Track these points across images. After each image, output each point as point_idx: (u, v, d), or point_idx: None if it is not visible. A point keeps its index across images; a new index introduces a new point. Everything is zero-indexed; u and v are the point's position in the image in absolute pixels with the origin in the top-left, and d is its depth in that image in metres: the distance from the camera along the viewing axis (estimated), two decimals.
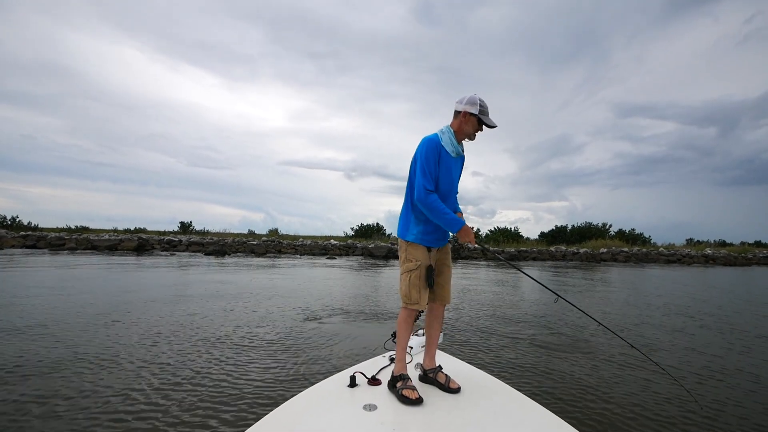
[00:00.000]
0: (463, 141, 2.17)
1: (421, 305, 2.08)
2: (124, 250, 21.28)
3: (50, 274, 9.79)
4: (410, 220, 2.13)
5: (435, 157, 2.04)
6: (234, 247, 23.56)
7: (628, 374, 3.50)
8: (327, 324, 5.19)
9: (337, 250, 24.56)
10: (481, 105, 2.05)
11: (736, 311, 6.99)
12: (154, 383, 3.03)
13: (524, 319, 5.82)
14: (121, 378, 3.12)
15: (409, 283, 2.06)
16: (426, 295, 2.08)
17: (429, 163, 2.02)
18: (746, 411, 2.80)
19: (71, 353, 3.68)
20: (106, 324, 4.80)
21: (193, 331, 4.60)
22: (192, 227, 32.08)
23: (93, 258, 15.70)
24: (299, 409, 1.78)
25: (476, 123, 2.06)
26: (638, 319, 5.99)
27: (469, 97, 2.06)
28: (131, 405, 2.66)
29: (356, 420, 1.69)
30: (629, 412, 2.72)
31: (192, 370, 3.34)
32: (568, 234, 32.35)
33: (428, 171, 2.02)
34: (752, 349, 4.44)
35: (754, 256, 25.76)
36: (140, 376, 3.17)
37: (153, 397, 2.80)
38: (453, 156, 2.11)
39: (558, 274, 13.99)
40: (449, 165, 2.10)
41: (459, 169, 2.22)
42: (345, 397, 1.92)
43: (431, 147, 2.04)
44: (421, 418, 1.76)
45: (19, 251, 18.78)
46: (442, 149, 2.07)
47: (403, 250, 2.14)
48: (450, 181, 2.13)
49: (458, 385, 2.03)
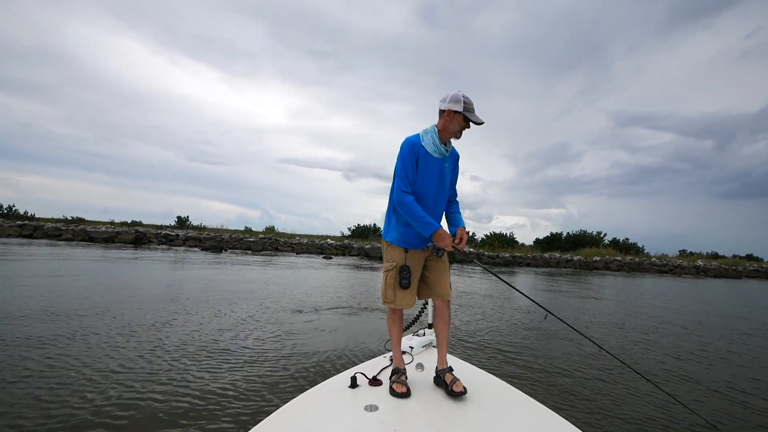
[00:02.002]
0: (452, 140, 2.10)
1: (396, 304, 2.11)
2: (122, 243, 21.30)
3: (51, 265, 9.85)
4: (392, 222, 2.15)
5: (412, 159, 2.02)
6: (231, 243, 23.62)
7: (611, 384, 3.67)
8: (327, 324, 5.31)
9: (333, 249, 24.67)
10: (466, 102, 1.97)
11: (704, 323, 7.21)
12: (150, 386, 2.98)
13: (524, 319, 6.00)
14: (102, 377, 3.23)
15: (386, 282, 2.12)
16: (403, 295, 2.11)
17: (405, 165, 2.02)
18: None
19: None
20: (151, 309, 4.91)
21: (188, 332, 4.65)
22: (189, 222, 32.08)
23: (93, 250, 15.72)
24: (300, 410, 1.78)
25: (462, 120, 1.99)
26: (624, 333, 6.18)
27: (452, 95, 1.99)
28: (125, 407, 2.66)
29: (357, 420, 1.69)
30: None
31: (190, 371, 3.32)
32: (562, 241, 32.66)
33: (404, 172, 2.02)
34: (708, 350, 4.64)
35: (744, 269, 26.15)
36: (137, 373, 3.26)
37: (148, 397, 2.78)
38: (436, 156, 2.05)
39: (551, 282, 14.20)
40: (431, 166, 2.05)
41: (446, 170, 2.12)
42: (346, 398, 1.92)
43: (408, 148, 2.02)
44: (424, 419, 1.75)
45: (15, 241, 18.75)
46: (422, 150, 2.03)
47: (384, 250, 2.20)
48: (433, 183, 2.08)
49: (462, 389, 1.93)
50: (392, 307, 2.17)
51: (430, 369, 2.32)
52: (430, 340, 2.79)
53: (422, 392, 2.04)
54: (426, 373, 2.30)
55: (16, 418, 2.39)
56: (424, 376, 2.27)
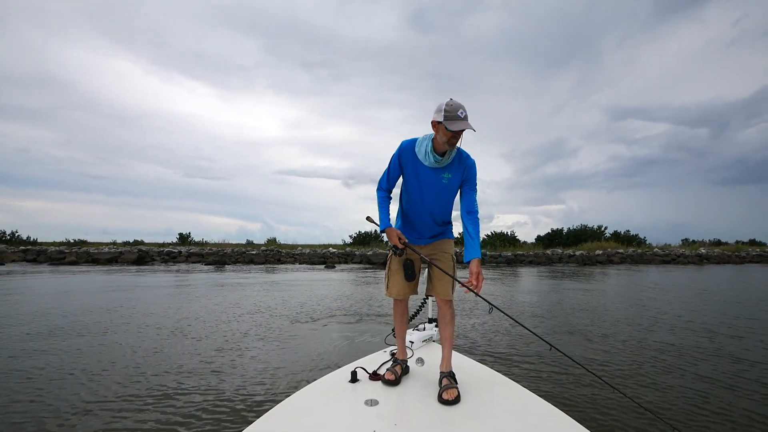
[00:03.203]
0: (450, 152, 1.99)
1: (390, 292, 2.21)
2: (124, 263, 21.39)
3: (63, 282, 9.93)
4: (398, 215, 2.29)
5: (396, 162, 2.11)
6: (233, 257, 23.67)
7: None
8: (327, 323, 5.39)
9: (335, 258, 24.69)
10: (446, 110, 1.86)
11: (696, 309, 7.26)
12: (152, 381, 3.12)
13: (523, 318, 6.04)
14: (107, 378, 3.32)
15: (387, 269, 2.25)
16: (396, 285, 2.18)
17: (390, 164, 2.14)
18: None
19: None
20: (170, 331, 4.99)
21: (193, 331, 4.78)
22: (191, 238, 32.16)
23: (97, 272, 15.80)
24: (301, 404, 1.79)
25: (445, 130, 1.87)
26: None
27: (438, 105, 1.92)
28: (118, 410, 2.74)
29: (358, 415, 1.70)
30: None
31: (192, 367, 3.43)
32: (564, 237, 32.64)
33: (387, 170, 2.15)
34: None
35: (747, 254, 26.12)
36: (143, 368, 3.36)
37: (151, 392, 2.90)
38: (427, 165, 2.02)
39: (551, 278, 14.23)
40: (423, 174, 2.05)
41: (444, 180, 2.04)
42: (346, 392, 1.93)
43: (397, 152, 2.10)
44: (424, 413, 1.76)
45: (19, 266, 18.86)
46: (414, 156, 2.05)
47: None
48: (421, 190, 2.07)
49: (452, 398, 1.84)
50: (389, 296, 2.24)
51: (430, 363, 2.34)
52: (431, 335, 2.80)
53: (422, 387, 2.03)
54: (426, 368, 2.31)
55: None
56: (424, 371, 2.27)
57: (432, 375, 2.15)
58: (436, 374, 2.09)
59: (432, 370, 2.19)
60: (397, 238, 2.06)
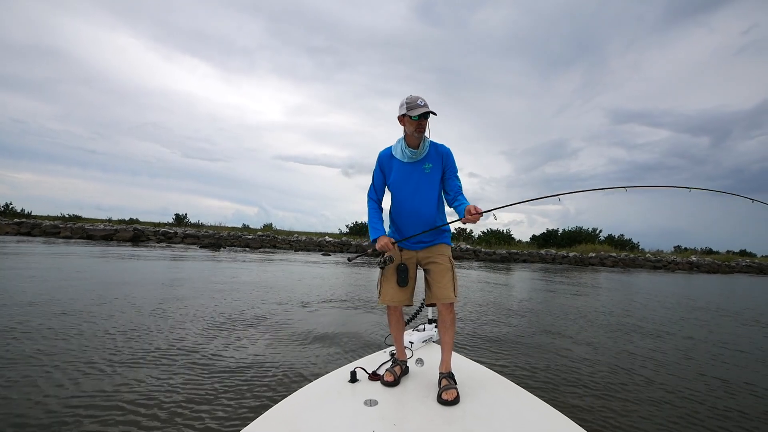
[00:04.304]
0: (423, 142, 2.11)
1: (383, 299, 2.19)
2: (120, 240, 21.34)
3: (58, 262, 9.93)
4: (389, 225, 2.30)
5: (378, 171, 2.21)
6: (229, 240, 23.71)
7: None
8: (327, 323, 5.44)
9: (331, 246, 24.79)
10: (408, 103, 2.01)
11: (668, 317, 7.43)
12: (152, 381, 2.99)
13: (521, 316, 6.17)
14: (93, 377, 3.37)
15: (379, 275, 2.24)
16: (389, 292, 2.17)
17: (373, 176, 2.24)
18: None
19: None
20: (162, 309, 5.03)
21: (188, 323, 4.75)
22: (187, 219, 32.11)
23: (94, 248, 15.77)
24: (300, 404, 1.79)
25: (410, 120, 2.01)
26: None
27: (400, 102, 2.06)
28: (99, 408, 2.63)
29: (357, 415, 1.70)
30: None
31: (188, 365, 3.33)
32: (559, 237, 32.96)
33: (372, 183, 2.25)
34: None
35: (737, 264, 26.55)
36: (142, 357, 3.36)
37: (145, 392, 2.77)
38: (406, 162, 2.13)
39: (545, 278, 14.42)
40: (407, 172, 2.15)
41: (426, 171, 2.14)
42: (346, 393, 1.92)
43: (377, 161, 2.22)
44: (423, 413, 1.75)
45: (14, 239, 18.76)
46: (393, 159, 2.16)
47: None
48: (409, 188, 2.15)
49: (452, 399, 1.87)
50: (381, 303, 2.20)
51: (430, 364, 2.35)
52: (431, 335, 2.82)
53: (422, 387, 2.05)
54: (426, 368, 2.32)
55: None
56: (423, 371, 2.29)
57: (431, 376, 2.15)
58: (435, 375, 2.10)
59: (431, 371, 2.20)
60: (390, 243, 2.09)
